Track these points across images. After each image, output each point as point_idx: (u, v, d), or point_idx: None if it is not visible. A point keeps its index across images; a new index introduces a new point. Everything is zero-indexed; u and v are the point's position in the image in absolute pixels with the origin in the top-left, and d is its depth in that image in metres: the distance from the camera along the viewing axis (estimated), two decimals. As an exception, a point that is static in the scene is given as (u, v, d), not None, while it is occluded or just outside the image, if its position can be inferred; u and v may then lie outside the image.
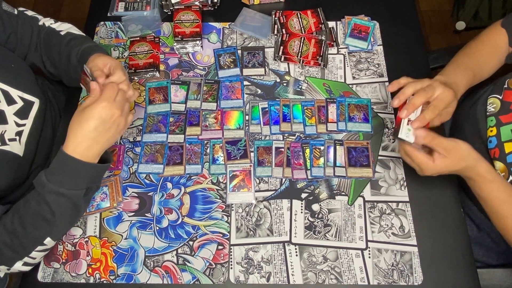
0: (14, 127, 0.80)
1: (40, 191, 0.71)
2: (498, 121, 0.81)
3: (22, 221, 0.71)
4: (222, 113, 0.96)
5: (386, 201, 0.86)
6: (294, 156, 0.90)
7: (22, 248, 0.73)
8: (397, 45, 1.04)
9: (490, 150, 0.82)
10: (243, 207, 0.86)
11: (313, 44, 1.03)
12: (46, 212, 0.71)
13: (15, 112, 0.80)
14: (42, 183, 0.71)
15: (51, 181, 0.70)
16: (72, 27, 0.93)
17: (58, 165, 0.72)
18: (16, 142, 0.80)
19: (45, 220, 0.72)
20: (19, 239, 0.71)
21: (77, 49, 0.86)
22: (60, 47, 0.88)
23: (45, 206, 0.71)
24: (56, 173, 0.71)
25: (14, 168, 0.80)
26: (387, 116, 0.95)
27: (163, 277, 0.80)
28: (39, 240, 0.73)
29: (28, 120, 0.84)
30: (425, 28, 2.02)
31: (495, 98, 0.84)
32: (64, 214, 0.74)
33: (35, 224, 0.72)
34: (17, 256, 0.73)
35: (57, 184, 0.71)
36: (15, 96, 0.81)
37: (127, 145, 0.93)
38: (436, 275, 0.79)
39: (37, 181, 0.72)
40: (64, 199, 0.72)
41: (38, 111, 0.86)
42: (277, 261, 0.81)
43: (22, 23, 0.88)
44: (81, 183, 0.73)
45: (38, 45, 0.91)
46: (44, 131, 0.90)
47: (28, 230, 0.71)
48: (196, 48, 1.04)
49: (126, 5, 1.10)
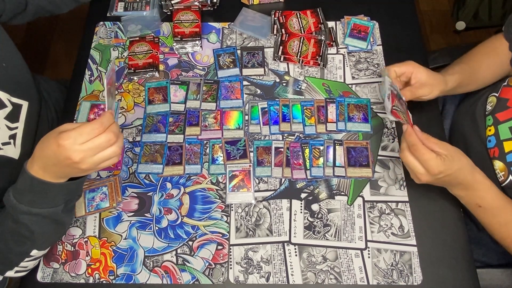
0: (6, 130, 0.78)
1: (12, 212, 0.65)
2: (495, 119, 0.81)
3: (3, 238, 0.68)
4: (222, 113, 0.96)
5: (385, 201, 0.86)
6: (293, 156, 0.90)
7: (9, 262, 0.71)
8: (396, 45, 1.04)
9: (489, 150, 0.82)
10: (243, 207, 0.86)
11: (313, 44, 1.03)
12: (24, 231, 0.66)
13: (5, 116, 0.78)
14: (12, 205, 0.65)
15: (21, 202, 0.64)
16: None
17: (25, 185, 0.64)
18: (11, 146, 0.79)
19: (26, 237, 0.68)
20: (4, 254, 0.69)
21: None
22: None
23: (22, 226, 0.66)
24: (25, 193, 0.65)
25: (8, 173, 0.77)
26: (386, 116, 0.95)
27: (163, 277, 0.80)
28: (24, 253, 0.70)
29: (19, 123, 0.82)
30: (425, 28, 2.02)
31: (493, 97, 0.85)
32: (45, 231, 0.69)
33: (17, 241, 0.68)
34: (6, 268, 0.71)
35: (28, 204, 0.64)
36: (4, 99, 0.78)
37: (127, 145, 0.93)
38: (436, 275, 0.79)
39: (6, 201, 0.65)
40: (39, 218, 0.66)
41: (28, 112, 0.84)
42: (276, 261, 0.81)
43: None
44: (56, 200, 0.67)
45: None
46: (39, 132, 0.89)
47: (10, 246, 0.68)
48: (196, 48, 1.04)
49: (126, 5, 1.10)
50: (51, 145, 0.61)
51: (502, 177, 0.79)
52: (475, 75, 0.89)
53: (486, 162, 0.83)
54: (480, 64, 0.89)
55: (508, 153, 0.78)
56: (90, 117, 0.95)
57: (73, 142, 0.60)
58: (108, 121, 0.63)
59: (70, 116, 0.96)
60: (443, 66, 1.09)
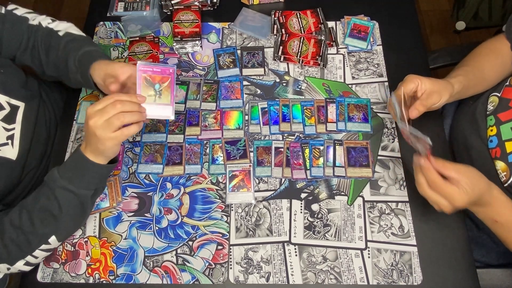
0: (3, 132, 0.79)
1: (51, 186, 0.73)
2: (497, 120, 0.81)
3: (30, 216, 0.72)
4: (222, 113, 0.96)
5: (385, 201, 0.86)
6: (293, 156, 0.90)
7: (28, 245, 0.73)
8: (396, 45, 1.04)
9: (491, 150, 0.82)
10: (243, 207, 0.86)
11: (313, 44, 1.03)
12: (54, 208, 0.73)
13: (2, 118, 0.79)
14: (54, 178, 0.73)
15: (63, 177, 0.73)
16: (71, 26, 0.90)
17: (72, 163, 0.75)
18: (9, 146, 0.80)
19: (53, 216, 0.73)
20: (25, 234, 0.72)
21: (75, 53, 0.83)
22: (58, 49, 0.85)
23: (54, 201, 0.73)
24: (68, 170, 0.74)
25: (6, 173, 0.80)
26: (386, 116, 0.95)
27: (163, 277, 0.80)
28: (44, 237, 0.74)
29: (16, 124, 0.83)
30: (425, 28, 2.02)
31: (494, 96, 0.84)
32: (70, 212, 0.75)
33: (43, 219, 0.73)
34: (21, 254, 0.73)
35: (67, 181, 0.73)
36: (3, 102, 0.80)
37: (127, 145, 0.93)
38: (436, 275, 0.79)
39: (49, 176, 0.74)
40: (72, 195, 0.74)
41: (25, 113, 0.85)
42: (276, 261, 0.81)
43: (10, 25, 0.84)
44: (91, 184, 0.76)
45: (35, 47, 0.87)
46: (36, 133, 0.89)
47: (36, 225, 0.72)
48: (196, 48, 1.04)
49: (126, 5, 1.10)
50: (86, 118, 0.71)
51: (504, 177, 0.79)
52: (480, 76, 0.88)
53: (488, 162, 0.83)
54: (483, 66, 0.88)
55: (510, 153, 0.78)
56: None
57: (89, 110, 0.70)
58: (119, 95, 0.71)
59: (70, 116, 0.96)
60: (443, 66, 1.09)
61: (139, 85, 0.74)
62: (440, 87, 0.78)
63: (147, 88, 0.74)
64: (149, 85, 0.74)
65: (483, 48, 0.91)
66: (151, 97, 0.75)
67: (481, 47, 0.92)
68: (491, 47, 0.91)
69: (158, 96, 0.75)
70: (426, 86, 0.77)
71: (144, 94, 0.74)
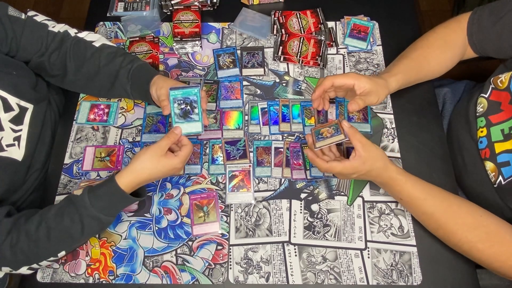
0: (10, 133, 0.80)
1: (80, 212, 0.73)
2: (488, 122, 0.82)
3: (48, 232, 0.72)
4: (222, 113, 0.96)
5: (385, 201, 0.86)
6: (293, 156, 0.90)
7: (37, 256, 0.74)
8: (396, 45, 1.04)
9: (480, 151, 0.82)
10: (242, 207, 0.86)
11: (313, 44, 1.03)
12: (76, 231, 0.74)
13: (10, 119, 0.80)
14: (85, 205, 0.73)
15: (95, 206, 0.73)
16: (101, 38, 0.91)
17: (107, 194, 0.74)
18: (15, 147, 0.80)
19: (72, 238, 0.74)
20: (38, 248, 0.72)
21: (128, 67, 0.86)
22: (99, 61, 0.86)
23: (79, 225, 0.73)
24: (102, 201, 0.74)
25: (11, 174, 0.80)
26: (386, 116, 0.95)
27: (162, 277, 0.80)
28: (55, 252, 0.75)
29: (23, 126, 0.83)
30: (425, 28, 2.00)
31: (482, 98, 0.84)
32: (90, 235, 0.78)
33: (61, 238, 0.74)
34: (27, 262, 0.74)
35: (98, 210, 0.73)
36: (13, 103, 0.80)
37: (127, 145, 0.93)
38: (436, 275, 0.79)
39: (80, 202, 0.73)
40: (97, 222, 0.75)
41: (32, 116, 0.85)
42: (276, 261, 0.81)
43: (29, 30, 0.84)
44: (117, 211, 0.78)
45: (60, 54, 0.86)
46: (42, 135, 0.90)
47: (52, 242, 0.73)
48: (196, 48, 1.04)
49: (126, 5, 1.10)
50: (163, 166, 0.76)
51: (493, 177, 0.79)
52: (423, 70, 0.89)
53: (478, 163, 0.83)
54: (428, 60, 0.88)
55: (498, 154, 0.78)
56: (90, 117, 0.95)
57: (184, 162, 0.79)
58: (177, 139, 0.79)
59: (70, 116, 0.96)
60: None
61: (191, 211, 0.85)
62: (378, 88, 0.81)
63: (198, 212, 0.85)
64: (198, 209, 0.85)
65: (434, 39, 0.89)
66: (201, 218, 0.84)
67: (429, 38, 0.90)
68: (444, 38, 0.89)
69: (207, 216, 0.84)
70: (365, 86, 0.79)
71: (195, 216, 0.84)
